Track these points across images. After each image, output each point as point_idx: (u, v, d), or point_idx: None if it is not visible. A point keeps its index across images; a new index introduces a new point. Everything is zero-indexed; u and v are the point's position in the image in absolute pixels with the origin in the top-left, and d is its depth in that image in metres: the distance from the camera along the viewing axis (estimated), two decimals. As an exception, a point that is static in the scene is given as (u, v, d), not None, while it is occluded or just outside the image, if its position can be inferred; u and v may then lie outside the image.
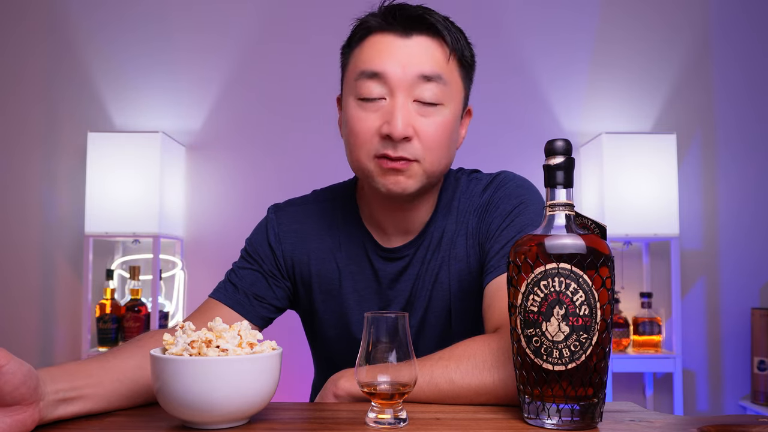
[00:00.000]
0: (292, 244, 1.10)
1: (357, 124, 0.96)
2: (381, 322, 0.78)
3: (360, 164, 0.98)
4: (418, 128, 0.95)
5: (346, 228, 1.10)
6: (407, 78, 0.94)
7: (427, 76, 0.95)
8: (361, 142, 0.96)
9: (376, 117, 0.95)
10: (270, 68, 2.47)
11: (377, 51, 0.96)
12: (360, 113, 0.96)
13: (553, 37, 2.49)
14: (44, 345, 2.39)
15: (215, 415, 0.74)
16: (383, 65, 0.94)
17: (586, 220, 0.80)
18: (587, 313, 0.74)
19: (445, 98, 0.97)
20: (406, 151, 0.95)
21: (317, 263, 1.10)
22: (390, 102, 0.95)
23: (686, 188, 2.44)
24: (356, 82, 0.97)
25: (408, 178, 0.96)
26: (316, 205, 1.13)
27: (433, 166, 0.98)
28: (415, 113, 0.95)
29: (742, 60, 2.50)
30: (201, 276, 2.42)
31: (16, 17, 2.48)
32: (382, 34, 0.97)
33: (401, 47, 0.95)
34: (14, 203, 2.44)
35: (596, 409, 0.76)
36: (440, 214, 1.07)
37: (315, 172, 2.41)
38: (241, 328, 0.80)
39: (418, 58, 0.95)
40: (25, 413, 0.69)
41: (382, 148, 0.95)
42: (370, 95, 0.95)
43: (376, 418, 0.77)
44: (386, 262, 1.08)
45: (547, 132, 2.44)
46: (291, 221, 1.11)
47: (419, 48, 0.95)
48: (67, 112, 2.46)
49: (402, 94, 0.94)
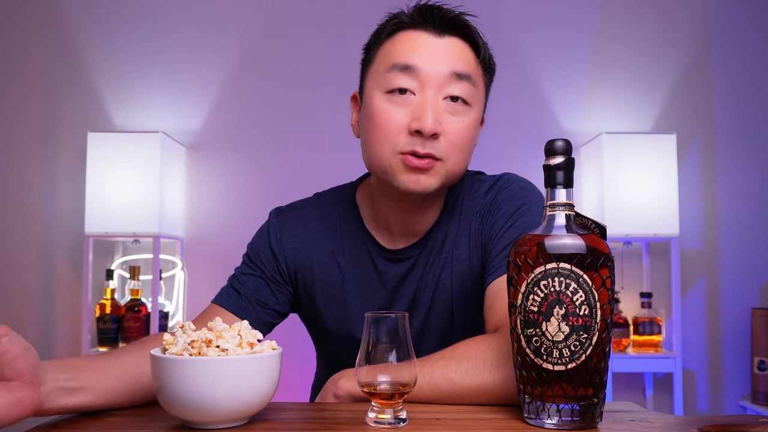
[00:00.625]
0: (295, 249, 1.09)
1: (384, 117, 0.94)
2: (381, 322, 0.79)
3: (382, 160, 0.96)
4: (446, 126, 0.94)
5: (348, 231, 1.09)
6: (440, 74, 0.93)
7: (459, 74, 0.95)
8: (386, 136, 0.94)
9: (404, 112, 0.94)
10: (270, 68, 2.47)
11: (411, 46, 0.95)
12: (388, 107, 0.94)
13: (553, 36, 2.49)
14: (44, 345, 2.39)
15: (215, 415, 0.74)
16: (416, 59, 0.94)
17: (586, 220, 0.80)
18: (587, 313, 0.74)
19: (473, 99, 0.97)
20: (434, 149, 0.93)
21: (320, 268, 1.09)
22: (420, 97, 0.94)
23: (686, 188, 2.44)
24: (386, 74, 0.95)
25: (429, 177, 0.95)
26: (318, 208, 1.12)
27: (455, 167, 0.97)
28: (444, 111, 0.94)
29: (742, 60, 2.50)
30: (201, 276, 2.42)
31: (16, 17, 2.48)
32: (415, 30, 0.96)
33: (435, 45, 0.95)
34: (14, 203, 2.44)
35: (596, 409, 0.76)
36: (445, 216, 1.07)
37: (315, 172, 2.42)
38: (241, 328, 0.80)
39: (451, 56, 0.95)
40: (25, 392, 0.68)
41: (409, 145, 0.93)
42: (401, 87, 0.94)
43: (376, 418, 0.77)
44: (391, 263, 1.07)
45: (547, 132, 2.44)
46: (293, 226, 1.11)
47: (452, 47, 0.96)
48: (67, 112, 2.46)
49: (432, 90, 0.94)
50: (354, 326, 1.09)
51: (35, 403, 0.70)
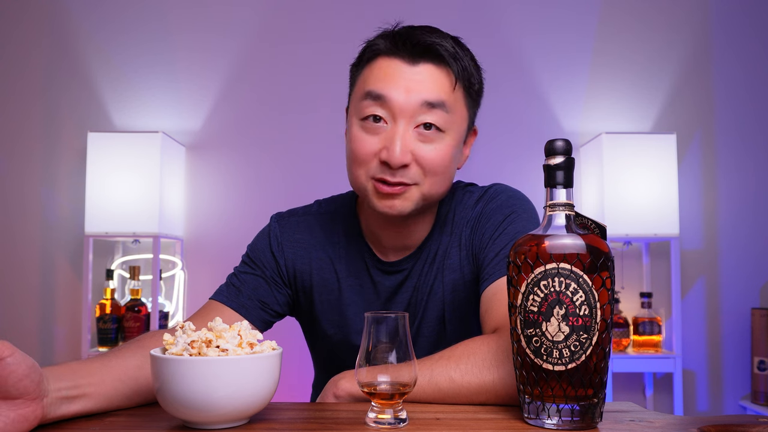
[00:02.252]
0: (294, 253, 1.11)
1: (357, 144, 0.97)
2: (381, 323, 0.79)
3: (358, 183, 0.99)
4: (418, 154, 0.95)
5: (346, 241, 1.11)
6: (410, 104, 0.94)
7: (431, 102, 0.95)
8: (360, 162, 0.97)
9: (376, 140, 0.96)
10: (270, 68, 2.47)
11: (383, 74, 0.96)
12: (361, 134, 0.97)
13: (553, 37, 2.49)
14: (44, 345, 2.39)
15: (215, 415, 0.74)
16: (387, 89, 0.95)
17: (586, 220, 0.81)
18: (587, 313, 0.74)
19: (447, 126, 0.97)
20: (405, 177, 0.95)
21: (318, 273, 1.11)
22: (391, 127, 0.95)
23: (686, 188, 2.44)
24: (360, 103, 0.97)
25: (404, 201, 0.97)
26: (318, 216, 1.14)
27: (431, 190, 0.99)
28: (416, 139, 0.95)
29: (742, 60, 2.50)
30: (201, 276, 2.42)
31: (16, 17, 2.48)
32: (389, 58, 0.97)
33: (407, 73, 0.95)
34: (14, 203, 2.44)
35: (596, 409, 0.76)
36: (437, 228, 1.09)
37: (315, 172, 2.42)
38: (241, 328, 0.80)
39: (424, 85, 0.95)
40: (28, 408, 0.69)
41: (380, 173, 0.96)
42: (374, 114, 0.95)
43: (376, 418, 0.77)
44: (385, 275, 1.09)
45: (547, 132, 2.44)
46: (293, 231, 1.12)
47: (425, 75, 0.95)
48: (67, 112, 2.46)
49: (403, 121, 0.95)
50: (350, 331, 1.11)
51: (39, 417, 0.70)
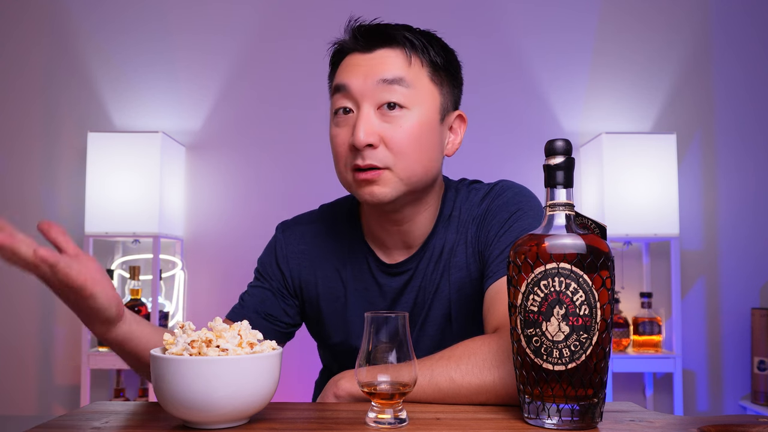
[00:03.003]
0: (299, 264, 1.12)
1: (333, 139, 1.01)
2: (381, 322, 0.79)
3: (342, 177, 1.02)
4: (384, 135, 0.97)
5: (350, 246, 1.11)
6: (368, 86, 0.97)
7: (387, 79, 0.97)
8: (338, 156, 1.00)
9: (346, 131, 0.99)
10: (270, 68, 2.47)
11: (345, 67, 1.00)
12: (334, 129, 1.01)
13: (553, 37, 2.49)
14: (44, 345, 2.39)
15: (215, 415, 0.74)
16: (348, 78, 0.98)
17: (586, 219, 0.81)
18: (587, 313, 0.74)
19: (409, 101, 0.98)
20: (374, 159, 0.96)
21: (324, 282, 1.12)
22: (355, 113, 0.98)
23: (686, 188, 2.44)
24: (331, 100, 1.02)
25: (382, 187, 0.97)
26: (322, 224, 1.15)
27: (406, 172, 0.98)
28: (381, 120, 0.97)
29: (742, 60, 2.50)
30: (201, 276, 2.42)
31: (16, 17, 2.48)
32: (351, 54, 1.01)
33: (365, 61, 0.99)
34: (14, 203, 2.44)
35: (596, 409, 0.76)
36: (441, 226, 1.08)
37: (316, 172, 2.42)
38: (241, 328, 0.80)
39: (379, 67, 0.98)
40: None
41: (353, 160, 0.97)
42: (341, 106, 0.99)
43: (376, 418, 0.77)
44: (389, 277, 1.09)
45: (547, 132, 2.44)
46: (298, 242, 1.14)
47: (380, 59, 0.99)
48: (67, 112, 2.46)
49: (366, 104, 0.97)
50: (355, 338, 1.11)
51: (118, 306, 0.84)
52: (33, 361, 2.39)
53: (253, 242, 2.55)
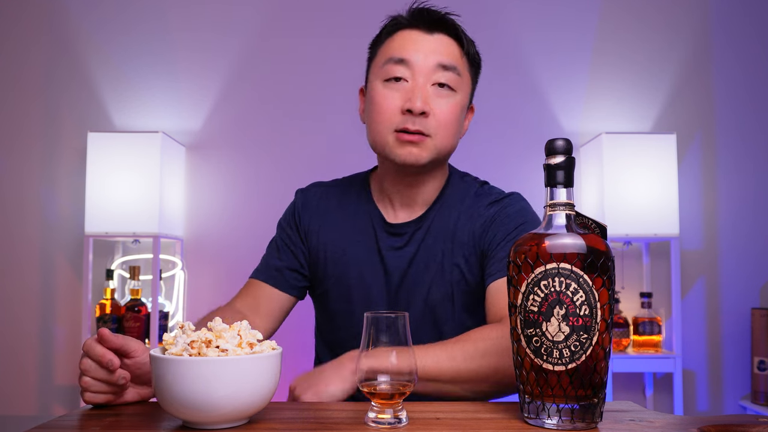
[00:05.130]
0: (310, 216, 1.26)
1: (383, 101, 1.12)
2: (381, 322, 0.79)
3: (381, 137, 1.13)
4: (434, 107, 1.10)
5: (358, 205, 1.24)
6: (428, 65, 1.10)
7: (445, 65, 1.11)
8: (384, 117, 1.11)
9: (398, 96, 1.11)
10: (270, 68, 2.47)
11: (405, 42, 1.13)
12: (386, 92, 1.12)
13: (553, 36, 2.48)
14: (44, 345, 2.39)
15: (215, 415, 0.74)
16: (409, 53, 1.11)
17: (587, 219, 0.81)
18: (587, 313, 0.74)
19: (457, 86, 1.13)
20: (423, 126, 1.09)
21: (327, 232, 1.24)
22: (412, 83, 1.11)
23: (686, 188, 2.44)
24: (384, 66, 1.12)
25: (421, 150, 1.11)
26: (336, 186, 1.30)
27: (443, 143, 1.13)
28: (433, 94, 1.11)
29: (742, 60, 2.50)
30: (201, 276, 2.42)
31: (15, 17, 2.48)
32: (409, 30, 1.14)
33: (426, 41, 1.12)
34: (14, 203, 2.44)
35: (596, 409, 0.76)
36: (444, 204, 1.20)
37: (316, 171, 2.41)
38: (241, 328, 0.80)
39: (439, 50, 1.12)
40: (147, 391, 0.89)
41: (402, 123, 1.10)
42: (396, 76, 1.11)
43: (376, 418, 0.77)
44: (389, 236, 1.20)
45: (547, 132, 2.43)
46: (311, 197, 1.28)
47: (440, 43, 1.13)
48: (67, 111, 2.46)
49: (422, 77, 1.10)
50: (350, 283, 1.20)
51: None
52: (33, 361, 2.39)
53: (253, 242, 2.55)
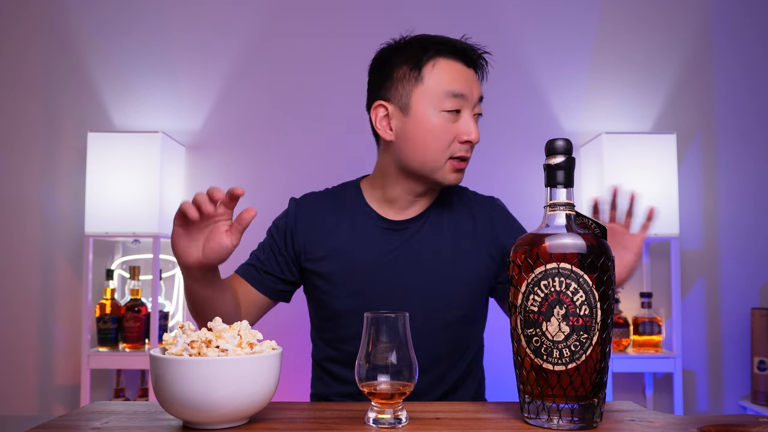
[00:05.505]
0: (305, 223, 1.30)
1: (442, 131, 1.21)
2: (381, 322, 0.79)
3: (434, 162, 1.22)
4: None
5: (350, 205, 1.31)
6: (474, 98, 1.24)
7: (481, 97, 1.27)
8: (441, 145, 1.21)
9: (455, 126, 1.21)
10: (270, 68, 2.47)
11: (459, 77, 1.23)
12: (443, 122, 1.21)
13: (553, 36, 2.48)
14: (44, 345, 2.39)
15: (215, 415, 0.74)
16: (464, 88, 1.22)
17: (587, 219, 0.81)
18: (587, 313, 0.74)
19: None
20: (470, 153, 1.25)
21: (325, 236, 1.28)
22: (465, 114, 1.22)
23: (686, 188, 2.44)
24: (444, 98, 1.21)
25: (463, 174, 1.26)
26: (328, 193, 1.36)
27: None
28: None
29: (742, 60, 2.50)
30: (201, 276, 2.42)
31: (15, 17, 2.48)
32: (455, 62, 1.23)
33: (470, 76, 1.25)
34: (14, 203, 2.44)
35: (596, 409, 0.76)
36: (445, 203, 1.31)
37: (316, 171, 2.42)
38: (241, 328, 0.80)
39: (478, 85, 1.27)
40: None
41: (460, 151, 1.22)
42: (456, 108, 1.21)
43: (376, 417, 0.77)
44: (390, 231, 1.26)
45: (547, 132, 2.43)
46: (306, 205, 1.33)
47: (476, 79, 1.27)
48: (67, 111, 2.46)
49: (469, 111, 1.23)
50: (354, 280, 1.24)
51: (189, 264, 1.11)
52: (33, 361, 2.39)
53: (253, 242, 2.55)
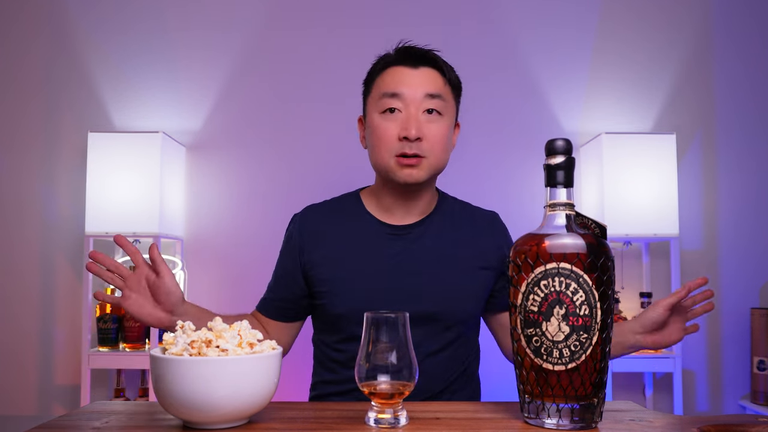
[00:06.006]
0: (309, 236, 1.33)
1: (381, 131, 1.26)
2: (381, 322, 0.79)
3: (383, 162, 1.26)
4: (426, 132, 1.24)
5: (350, 214, 1.34)
6: (417, 96, 1.24)
7: (431, 94, 1.25)
8: (384, 144, 1.25)
9: (395, 125, 1.24)
10: (271, 67, 2.47)
11: (396, 78, 1.27)
12: (383, 123, 1.26)
13: (552, 36, 2.48)
14: (44, 345, 2.39)
15: (215, 415, 0.74)
16: (400, 88, 1.25)
17: (587, 219, 0.81)
18: (587, 313, 0.74)
19: (444, 110, 1.27)
20: (418, 149, 1.23)
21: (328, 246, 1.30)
22: (405, 113, 1.24)
23: (686, 188, 2.44)
24: (380, 100, 1.26)
25: (419, 171, 1.24)
26: (329, 205, 1.39)
27: (437, 161, 1.26)
28: (424, 121, 1.24)
29: (743, 59, 2.50)
30: (201, 276, 2.42)
31: (15, 16, 2.48)
32: (398, 66, 1.28)
33: (413, 75, 1.26)
34: (14, 203, 2.44)
35: (596, 408, 0.76)
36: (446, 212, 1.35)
37: (316, 171, 2.42)
38: (241, 328, 0.80)
39: (425, 82, 1.26)
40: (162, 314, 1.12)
41: (401, 149, 1.23)
42: (391, 107, 1.25)
43: (376, 417, 0.78)
44: (390, 237, 1.29)
45: (546, 132, 2.43)
46: (308, 219, 1.36)
47: (425, 75, 1.27)
48: (67, 111, 2.46)
49: (414, 107, 1.24)
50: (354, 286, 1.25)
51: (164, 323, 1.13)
52: (33, 361, 2.39)
53: (253, 242, 2.56)
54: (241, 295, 2.36)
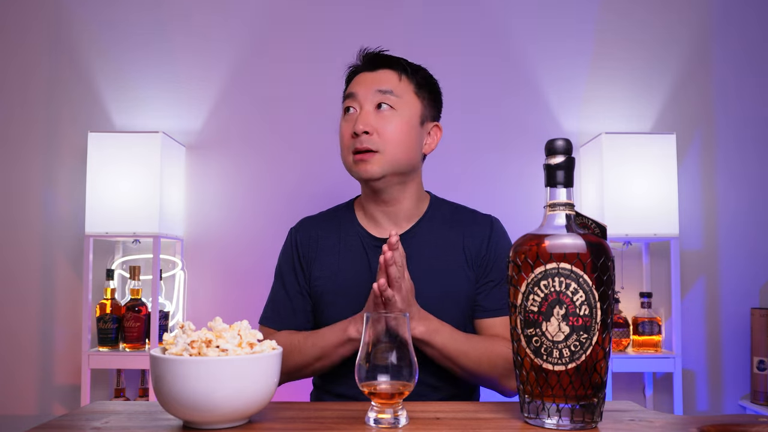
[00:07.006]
0: (306, 249, 1.37)
1: (342, 132, 1.32)
2: (381, 322, 0.79)
3: (344, 160, 1.31)
4: (378, 126, 1.27)
5: (343, 223, 1.38)
6: (369, 93, 1.30)
7: (382, 90, 1.29)
8: (343, 143, 1.31)
9: (351, 124, 1.29)
10: (271, 68, 2.47)
11: (355, 81, 1.35)
12: (343, 123, 1.32)
13: (552, 36, 2.48)
14: (44, 345, 2.39)
15: (215, 415, 0.74)
16: (355, 88, 1.32)
17: (587, 219, 0.81)
18: (587, 313, 0.74)
19: (397, 106, 1.29)
20: (370, 143, 1.25)
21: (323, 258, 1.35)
22: (357, 111, 1.30)
23: (686, 188, 2.44)
24: (343, 103, 1.35)
25: (372, 165, 1.26)
26: (324, 217, 1.43)
27: (394, 157, 1.27)
28: (376, 116, 1.28)
29: (742, 59, 2.50)
30: (201, 276, 2.42)
31: (15, 16, 2.48)
32: (361, 73, 1.35)
33: (369, 76, 1.33)
34: (14, 203, 2.44)
35: (596, 409, 0.76)
36: (434, 219, 1.36)
37: (316, 171, 2.42)
38: (241, 328, 0.80)
39: (377, 81, 1.31)
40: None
41: (354, 145, 1.27)
42: (347, 106, 1.32)
43: (376, 417, 0.78)
44: (377, 248, 1.30)
45: (546, 132, 2.43)
46: (305, 232, 1.40)
47: (379, 76, 1.32)
48: (68, 112, 2.46)
49: (366, 105, 1.29)
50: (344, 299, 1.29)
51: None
52: (33, 361, 2.39)
53: (253, 242, 2.56)
54: (241, 295, 2.36)
